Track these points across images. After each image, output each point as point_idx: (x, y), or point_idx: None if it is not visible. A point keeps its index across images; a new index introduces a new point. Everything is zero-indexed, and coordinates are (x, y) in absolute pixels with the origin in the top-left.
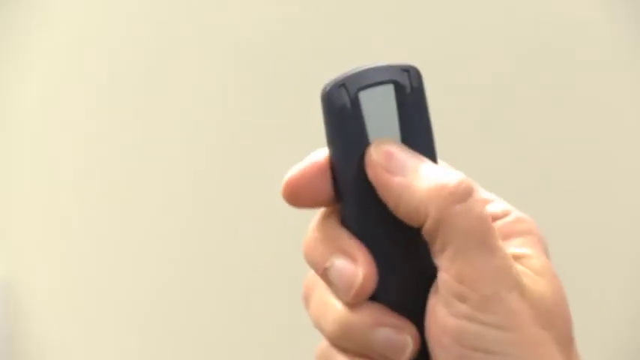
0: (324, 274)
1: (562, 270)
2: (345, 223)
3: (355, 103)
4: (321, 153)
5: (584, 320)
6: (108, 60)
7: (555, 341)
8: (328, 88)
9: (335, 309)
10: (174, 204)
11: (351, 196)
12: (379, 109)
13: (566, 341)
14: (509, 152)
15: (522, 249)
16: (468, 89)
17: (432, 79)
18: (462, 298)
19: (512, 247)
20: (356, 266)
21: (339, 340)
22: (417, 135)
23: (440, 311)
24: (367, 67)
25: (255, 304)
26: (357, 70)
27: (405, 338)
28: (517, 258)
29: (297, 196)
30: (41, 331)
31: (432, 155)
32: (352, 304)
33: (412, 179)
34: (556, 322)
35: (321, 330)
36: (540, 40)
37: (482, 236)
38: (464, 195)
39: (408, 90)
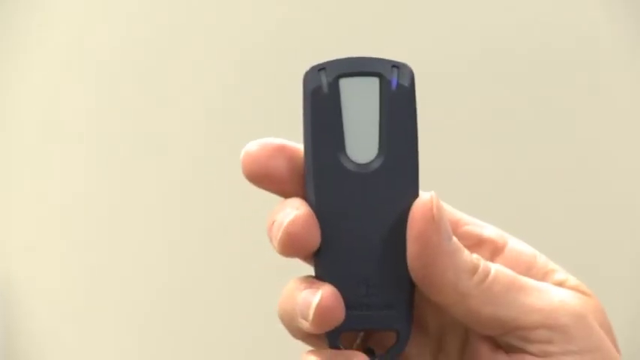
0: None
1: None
2: (308, 201)
3: (333, 89)
4: (277, 139)
5: None
6: (107, 59)
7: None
8: (309, 69)
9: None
10: (174, 205)
11: (315, 177)
12: (360, 99)
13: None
14: (508, 152)
15: (558, 275)
16: (467, 89)
17: (431, 78)
18: (549, 340)
19: (555, 277)
20: (294, 213)
21: (283, 317)
22: (398, 134)
23: None
24: (356, 57)
25: (252, 303)
26: (345, 58)
27: (314, 296)
28: (561, 283)
29: (254, 167)
30: (41, 330)
31: (412, 159)
32: (282, 252)
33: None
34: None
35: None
36: (540, 40)
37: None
38: None
39: (394, 86)
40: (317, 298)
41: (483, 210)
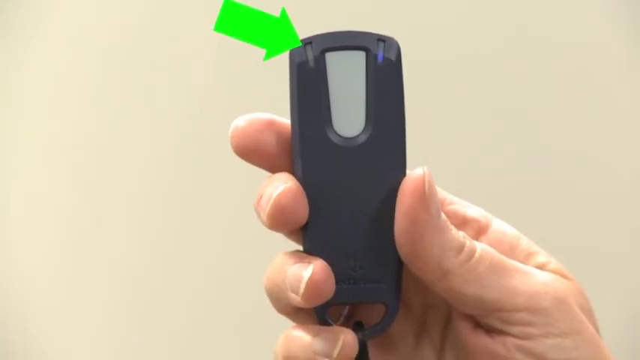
0: (258, 203)
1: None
2: (295, 176)
3: (319, 63)
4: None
5: None
6: (101, 55)
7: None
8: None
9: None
10: (170, 203)
11: (302, 152)
12: (346, 73)
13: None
14: (508, 149)
15: (540, 258)
16: (465, 84)
17: (431, 73)
18: (529, 324)
19: (538, 260)
20: (281, 185)
21: (272, 291)
22: (385, 107)
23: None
24: (343, 31)
25: (246, 297)
26: (331, 32)
27: (305, 270)
28: (543, 266)
29: (243, 142)
30: (39, 328)
31: (399, 132)
32: (270, 225)
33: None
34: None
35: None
36: (540, 34)
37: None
38: None
39: (381, 60)
40: (308, 272)
41: (472, 194)
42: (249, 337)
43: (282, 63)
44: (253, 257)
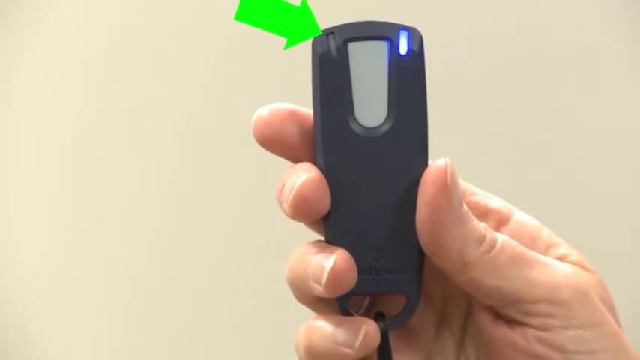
0: (281, 193)
1: None
2: (317, 166)
3: (342, 53)
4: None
5: None
6: (101, 55)
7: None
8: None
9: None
10: (170, 203)
11: (324, 141)
12: (368, 63)
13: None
14: (507, 149)
15: (561, 249)
16: (466, 82)
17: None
18: (549, 314)
19: (559, 251)
20: (303, 175)
21: (293, 281)
22: (407, 98)
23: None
24: (365, 21)
25: (246, 297)
26: (353, 22)
27: (327, 260)
28: (564, 258)
29: (266, 132)
30: (39, 328)
31: (421, 123)
32: (292, 214)
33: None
34: (606, 297)
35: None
36: (542, 33)
37: (519, 252)
38: None
39: (404, 51)
40: (331, 262)
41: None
42: (249, 337)
43: (281, 63)
44: (253, 257)
